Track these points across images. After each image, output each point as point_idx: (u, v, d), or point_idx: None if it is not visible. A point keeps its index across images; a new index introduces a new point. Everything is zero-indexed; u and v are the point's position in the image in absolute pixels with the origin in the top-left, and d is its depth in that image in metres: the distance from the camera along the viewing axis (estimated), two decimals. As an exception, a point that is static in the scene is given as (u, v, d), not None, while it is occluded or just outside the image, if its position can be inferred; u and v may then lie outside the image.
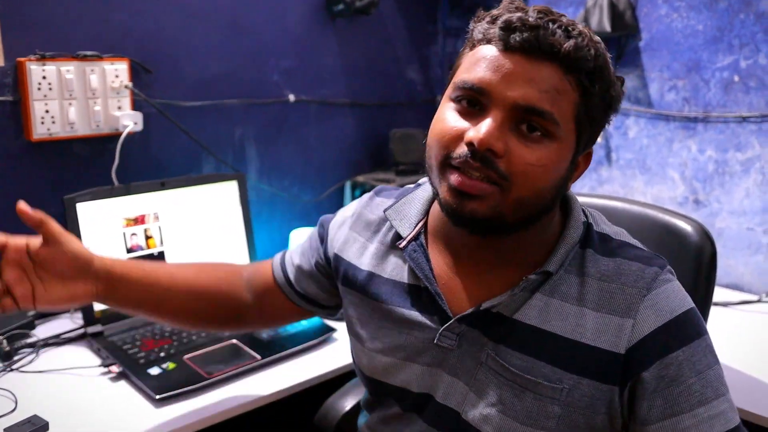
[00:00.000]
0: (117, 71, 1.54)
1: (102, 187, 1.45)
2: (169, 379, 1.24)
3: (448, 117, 0.78)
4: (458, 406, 0.86)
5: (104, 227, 1.44)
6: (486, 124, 0.74)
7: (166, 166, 1.69)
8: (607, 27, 1.79)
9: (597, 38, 0.78)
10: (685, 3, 1.78)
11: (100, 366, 1.29)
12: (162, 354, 1.33)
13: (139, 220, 1.50)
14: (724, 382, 0.78)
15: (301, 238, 1.74)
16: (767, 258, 1.73)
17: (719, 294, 1.70)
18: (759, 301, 1.70)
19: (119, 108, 1.56)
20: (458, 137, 0.76)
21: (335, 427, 1.22)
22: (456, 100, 0.78)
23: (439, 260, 0.88)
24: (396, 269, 0.92)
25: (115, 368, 1.27)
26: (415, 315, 0.88)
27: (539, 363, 0.80)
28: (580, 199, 1.27)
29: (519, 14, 0.75)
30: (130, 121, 1.55)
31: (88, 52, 1.50)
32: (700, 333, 0.79)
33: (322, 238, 1.05)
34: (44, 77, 1.44)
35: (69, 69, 1.47)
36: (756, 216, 1.74)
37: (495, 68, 0.74)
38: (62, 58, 1.47)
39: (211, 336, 1.41)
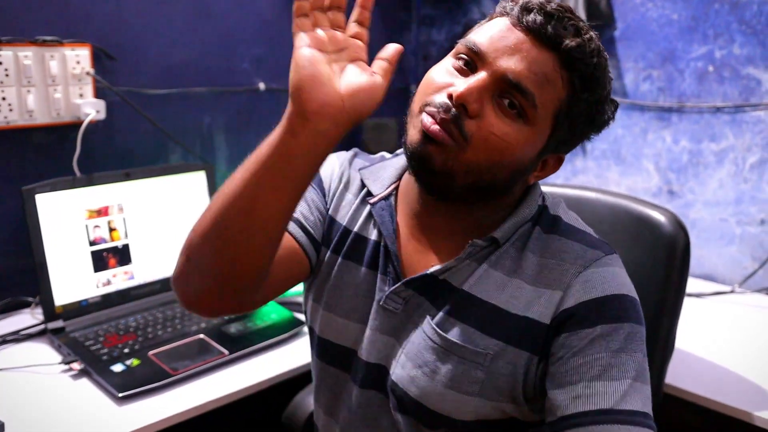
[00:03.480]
0: (78, 57, 1.48)
1: (63, 178, 1.40)
2: (132, 376, 1.20)
3: (440, 70, 0.82)
4: (392, 367, 0.88)
5: (65, 219, 1.39)
6: (468, 82, 0.77)
7: (130, 156, 1.64)
8: (582, 16, 1.77)
9: (606, 54, 0.81)
10: (660, -8, 1.77)
11: (60, 363, 1.25)
12: (126, 350, 1.29)
13: (102, 212, 1.45)
14: (643, 374, 0.77)
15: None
16: (740, 249, 1.73)
17: (692, 285, 1.70)
18: (732, 291, 1.70)
19: (81, 96, 1.50)
20: (442, 89, 0.79)
21: (304, 423, 1.20)
22: (455, 56, 0.81)
23: (402, 224, 0.91)
24: (363, 225, 0.93)
25: (76, 365, 1.23)
26: (372, 274, 0.90)
27: (469, 329, 0.83)
28: (555, 189, 1.27)
29: (542, 0, 0.78)
30: (92, 110, 1.50)
31: (48, 37, 1.44)
32: (627, 319, 0.79)
33: (321, 187, 0.98)
34: (0, 63, 1.38)
35: (27, 55, 1.41)
36: (729, 206, 1.74)
37: (499, 38, 0.78)
38: (20, 43, 1.41)
39: (177, 331, 1.37)
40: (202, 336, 1.36)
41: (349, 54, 0.71)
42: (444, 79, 0.80)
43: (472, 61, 0.79)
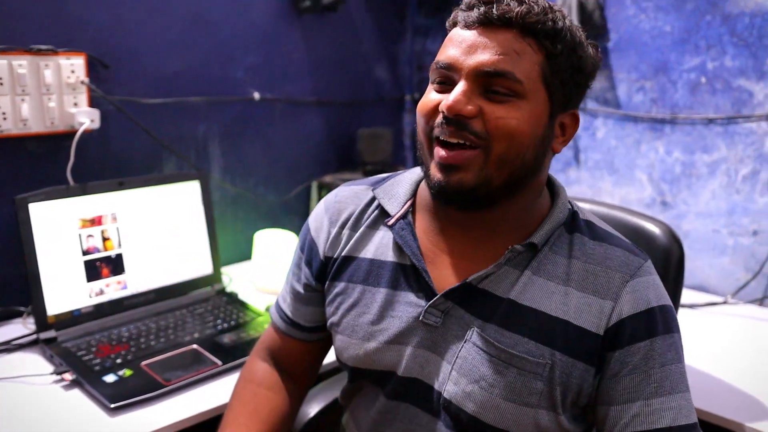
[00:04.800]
0: (73, 66, 1.48)
1: (56, 187, 1.40)
2: (124, 387, 1.20)
3: (426, 97, 0.86)
4: (440, 385, 0.87)
5: (59, 229, 1.39)
6: (453, 92, 0.80)
7: (124, 165, 1.63)
8: (576, 27, 1.78)
9: (557, 7, 0.83)
10: (653, 4, 1.78)
11: (52, 374, 1.24)
12: (118, 360, 1.28)
13: (96, 221, 1.44)
14: (685, 381, 0.83)
15: (265, 239, 1.71)
16: (733, 260, 1.74)
17: (685, 296, 1.69)
18: (724, 302, 1.71)
19: (75, 104, 1.50)
20: (435, 109, 0.83)
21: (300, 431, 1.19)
22: (433, 81, 0.85)
23: (425, 239, 0.91)
24: (380, 248, 0.94)
25: (68, 376, 1.22)
26: (401, 294, 0.90)
27: (523, 339, 0.83)
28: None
29: None
30: (86, 119, 1.49)
31: (43, 46, 1.44)
32: (670, 330, 0.83)
33: (311, 248, 1.01)
34: (-5, 71, 1.38)
35: (21, 63, 1.41)
36: (722, 218, 1.74)
37: (457, 44, 0.82)
38: (14, 51, 1.41)
39: (170, 341, 1.37)
40: (195, 346, 1.36)
41: None
42: (432, 99, 0.84)
43: (447, 77, 0.82)
